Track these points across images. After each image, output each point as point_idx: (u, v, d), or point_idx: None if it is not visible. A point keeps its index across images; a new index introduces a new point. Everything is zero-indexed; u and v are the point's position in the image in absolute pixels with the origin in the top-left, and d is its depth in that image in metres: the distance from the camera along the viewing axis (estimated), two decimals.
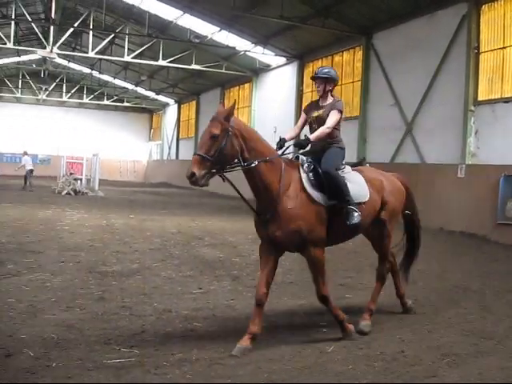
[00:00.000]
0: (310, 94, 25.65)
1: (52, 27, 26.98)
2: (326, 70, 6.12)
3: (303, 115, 6.22)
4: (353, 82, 22.44)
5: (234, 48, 27.25)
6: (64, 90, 45.13)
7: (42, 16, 32.35)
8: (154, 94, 44.11)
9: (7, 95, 45.12)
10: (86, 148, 37.75)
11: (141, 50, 28.35)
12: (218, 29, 26.12)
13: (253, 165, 5.23)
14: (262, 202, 5.44)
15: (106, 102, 46.10)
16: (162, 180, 43.65)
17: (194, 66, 29.12)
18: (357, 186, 5.84)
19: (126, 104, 47.54)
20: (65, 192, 25.37)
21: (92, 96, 45.49)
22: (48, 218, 14.85)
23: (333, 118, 5.89)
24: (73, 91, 45.01)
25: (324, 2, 20.34)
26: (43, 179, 33.46)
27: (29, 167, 27.43)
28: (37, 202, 19.80)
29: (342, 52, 23.24)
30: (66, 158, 29.27)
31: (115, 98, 46.11)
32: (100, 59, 34.81)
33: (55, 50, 26.88)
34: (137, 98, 46.84)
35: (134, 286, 7.49)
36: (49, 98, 45.70)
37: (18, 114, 46.71)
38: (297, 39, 24.49)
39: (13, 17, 26.94)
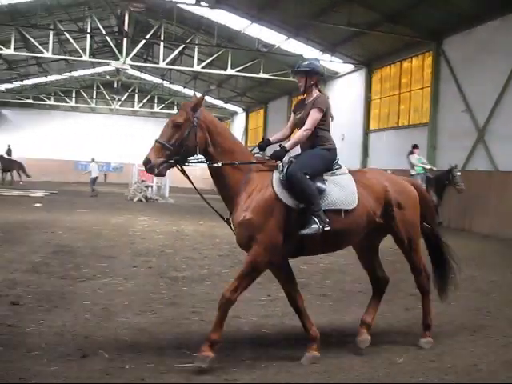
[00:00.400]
0: (379, 102, 25.42)
1: (125, 40, 27.85)
2: (306, 63, 5.56)
3: (292, 115, 5.73)
4: (422, 89, 21.96)
5: (301, 56, 27.26)
6: (136, 99, 46.46)
7: (116, 29, 33.48)
8: (222, 102, 44.74)
9: (83, 105, 46.93)
10: None
11: (210, 59, 28.82)
12: (286, 37, 26.23)
13: (215, 165, 5.10)
14: (225, 202, 5.23)
15: (176, 111, 46.90)
16: None
17: (262, 75, 29.32)
18: (342, 191, 5.22)
19: None
20: (136, 199, 26.07)
21: (163, 105, 46.60)
22: (121, 224, 15.32)
23: (311, 118, 5.33)
24: (144, 101, 46.21)
25: (392, 8, 20.06)
26: (116, 186, 34.55)
27: (94, 174, 28.19)
28: (110, 209, 20.46)
29: (411, 58, 22.82)
30: (138, 166, 30.02)
31: None
32: (170, 69, 35.61)
33: (128, 61, 27.74)
34: (206, 106, 47.18)
35: (204, 292, 7.62)
36: (121, 108, 47.15)
37: (93, 123, 48.46)
38: (364, 46, 24.26)
39: (88, 31, 28.07)
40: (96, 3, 28.52)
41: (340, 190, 5.22)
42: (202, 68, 29.41)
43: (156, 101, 46.54)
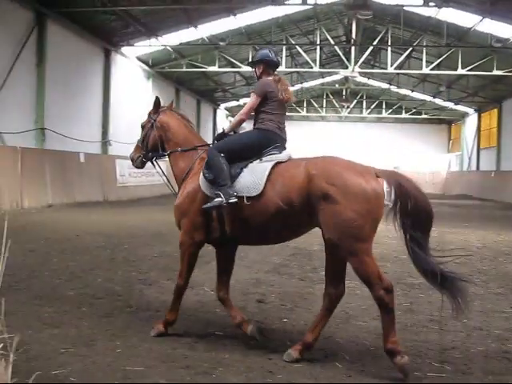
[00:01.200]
0: None
1: (353, 48, 28.37)
2: (255, 54, 5.86)
3: None
4: None
5: None
6: (364, 106, 46.94)
7: (343, 38, 34.25)
8: (452, 104, 42.90)
9: (313, 115, 48.90)
10: (382, 161, 38.61)
11: (439, 60, 27.95)
12: None
13: (165, 153, 5.89)
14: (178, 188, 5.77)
15: (403, 115, 46.48)
16: (461, 192, 41.83)
17: (496, 72, 27.58)
18: (251, 177, 5.09)
19: (423, 116, 47.31)
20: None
21: (390, 110, 46.32)
22: None
23: (248, 103, 5.62)
24: (372, 107, 46.46)
25: None
26: None
27: None
28: None
29: None
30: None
31: (413, 110, 46.21)
32: (398, 74, 35.32)
33: (356, 69, 28.23)
34: (435, 109, 46.15)
35: (442, 300, 7.41)
36: (350, 115, 48.00)
37: (323, 131, 50.01)
38: None
39: (317, 42, 29.20)
40: (324, 15, 29.58)
41: (250, 177, 5.13)
42: (431, 70, 28.64)
43: (384, 106, 46.45)
